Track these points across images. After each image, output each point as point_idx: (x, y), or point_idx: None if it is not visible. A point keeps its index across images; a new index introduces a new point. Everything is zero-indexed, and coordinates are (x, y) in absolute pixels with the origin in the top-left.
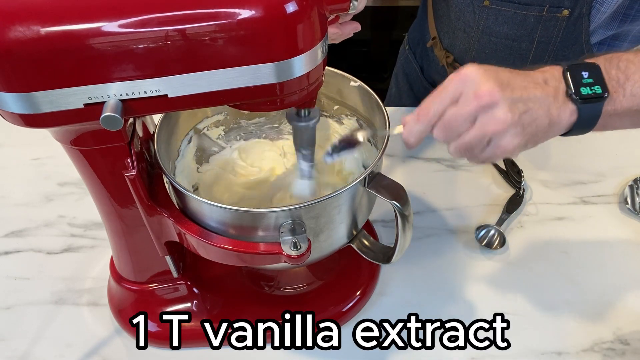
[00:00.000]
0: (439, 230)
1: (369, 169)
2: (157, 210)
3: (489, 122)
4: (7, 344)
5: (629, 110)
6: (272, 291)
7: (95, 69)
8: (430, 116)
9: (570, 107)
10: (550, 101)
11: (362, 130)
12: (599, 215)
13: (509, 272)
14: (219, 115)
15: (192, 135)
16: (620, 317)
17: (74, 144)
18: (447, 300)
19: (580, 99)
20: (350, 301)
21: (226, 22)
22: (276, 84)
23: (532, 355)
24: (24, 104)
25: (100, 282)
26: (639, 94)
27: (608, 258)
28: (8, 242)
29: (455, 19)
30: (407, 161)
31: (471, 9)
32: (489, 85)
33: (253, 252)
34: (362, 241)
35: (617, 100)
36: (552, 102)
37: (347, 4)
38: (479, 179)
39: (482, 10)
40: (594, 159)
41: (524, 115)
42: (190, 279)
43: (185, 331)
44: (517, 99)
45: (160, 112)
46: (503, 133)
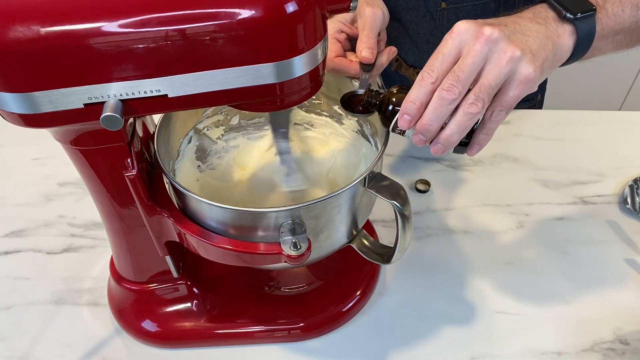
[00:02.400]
0: (439, 230)
1: (369, 168)
2: (157, 210)
3: (500, 56)
4: (7, 344)
5: (611, 30)
6: (272, 291)
7: (95, 69)
8: (435, 73)
9: (568, 28)
10: (546, 28)
11: None
12: (599, 215)
13: (509, 272)
14: (219, 115)
15: (192, 135)
16: (620, 317)
17: (74, 144)
18: (447, 300)
19: (574, 17)
20: (350, 301)
21: (226, 22)
22: (276, 84)
23: (532, 355)
24: (24, 104)
25: (100, 282)
26: (618, 13)
27: (608, 258)
28: (8, 242)
29: (414, 34)
30: (407, 161)
31: (429, 18)
32: (485, 27)
33: (253, 252)
34: (362, 241)
35: (603, 21)
36: (548, 28)
37: (347, 4)
38: (479, 179)
39: (442, 13)
40: (594, 159)
41: (529, 42)
42: (190, 279)
43: (185, 331)
44: (513, 31)
45: (160, 112)
46: (518, 62)
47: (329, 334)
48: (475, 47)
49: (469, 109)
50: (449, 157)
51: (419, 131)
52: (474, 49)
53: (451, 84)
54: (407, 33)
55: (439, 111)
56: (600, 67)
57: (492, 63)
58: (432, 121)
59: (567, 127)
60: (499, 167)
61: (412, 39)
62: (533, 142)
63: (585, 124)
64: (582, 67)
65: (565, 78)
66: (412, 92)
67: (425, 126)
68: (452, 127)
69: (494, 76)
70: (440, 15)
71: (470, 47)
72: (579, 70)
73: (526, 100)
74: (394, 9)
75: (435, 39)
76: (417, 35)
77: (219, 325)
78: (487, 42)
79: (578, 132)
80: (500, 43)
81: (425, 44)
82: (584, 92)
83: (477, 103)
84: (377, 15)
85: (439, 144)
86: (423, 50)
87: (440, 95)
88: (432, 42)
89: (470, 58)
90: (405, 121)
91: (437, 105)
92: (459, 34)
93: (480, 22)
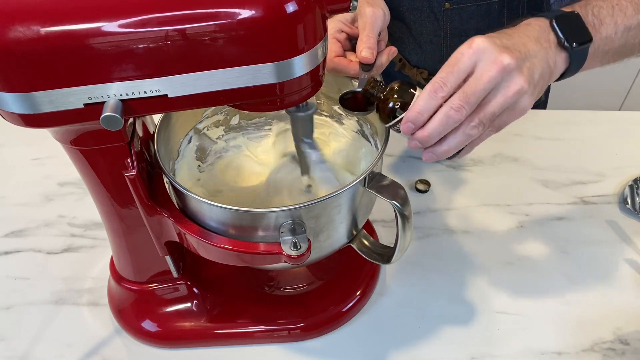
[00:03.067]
0: (439, 230)
1: (369, 168)
2: (157, 210)
3: (510, 88)
4: (7, 344)
5: (602, 51)
6: (272, 291)
7: (95, 69)
8: (447, 88)
9: (563, 55)
10: (547, 53)
11: None
12: (599, 215)
13: (509, 272)
14: (219, 115)
15: (192, 135)
16: (620, 317)
17: (74, 144)
18: (447, 300)
19: (572, 48)
20: (350, 301)
21: (226, 22)
22: (276, 84)
23: (532, 355)
24: (24, 104)
25: (100, 282)
26: (611, 36)
27: (608, 258)
28: (8, 242)
29: (417, 34)
30: (407, 161)
31: (433, 18)
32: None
33: (253, 252)
34: (362, 241)
35: (596, 44)
36: (549, 54)
37: (347, 4)
38: (479, 179)
39: (445, 14)
40: (594, 159)
41: (534, 72)
42: (190, 279)
43: (185, 331)
44: (524, 58)
45: (160, 112)
46: (522, 95)
47: (329, 334)
48: (490, 72)
49: (470, 131)
50: None
51: (419, 140)
52: (489, 75)
53: (460, 104)
54: (410, 33)
55: (442, 128)
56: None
57: (501, 92)
58: (433, 135)
59: (567, 127)
60: (499, 167)
61: (415, 39)
62: (533, 142)
63: (585, 124)
64: None
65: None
66: (421, 103)
67: (426, 138)
68: (450, 144)
69: (499, 105)
70: (444, 16)
71: (486, 71)
72: None
73: None
74: (398, 8)
75: (438, 39)
76: (421, 36)
77: (219, 325)
78: (503, 71)
79: (578, 132)
80: (512, 74)
81: (428, 44)
82: (584, 92)
83: (478, 127)
84: (377, 15)
85: (433, 154)
86: (426, 51)
87: (448, 114)
88: (435, 42)
89: (483, 84)
90: (408, 129)
91: (443, 122)
92: (477, 52)
93: (499, 45)
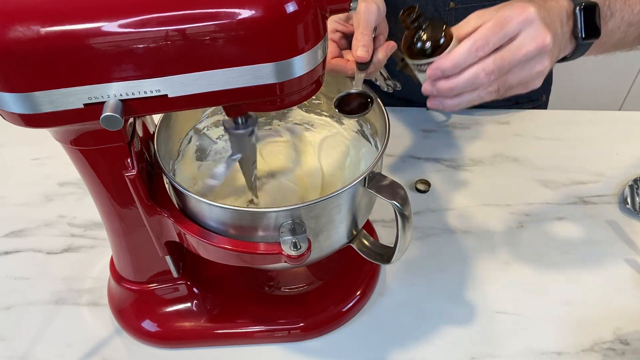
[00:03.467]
0: (439, 230)
1: (369, 168)
2: (157, 210)
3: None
4: (7, 344)
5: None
6: (272, 291)
7: (95, 69)
8: (488, 48)
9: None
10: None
11: None
12: (599, 215)
13: (509, 272)
14: (219, 115)
15: (192, 135)
16: (620, 317)
17: (74, 144)
18: (447, 300)
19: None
20: (350, 301)
21: (226, 22)
22: (276, 84)
23: (532, 355)
24: (24, 104)
25: (100, 282)
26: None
27: (608, 258)
28: (8, 242)
29: None
30: (407, 161)
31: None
32: (548, 35)
33: (253, 252)
34: (362, 241)
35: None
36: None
37: (347, 4)
38: (479, 179)
39: (450, 13)
40: (594, 159)
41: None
42: (190, 279)
43: (185, 331)
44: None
45: (160, 112)
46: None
47: (329, 334)
48: (530, 47)
49: (484, 95)
50: (448, 157)
51: (438, 87)
52: (527, 49)
53: (493, 69)
54: None
55: (466, 85)
56: (600, 67)
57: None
58: (455, 89)
59: (567, 127)
60: (499, 167)
61: None
62: (533, 142)
63: (585, 124)
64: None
65: (566, 78)
66: (458, 56)
67: (446, 90)
68: (462, 100)
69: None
70: (449, 15)
71: (526, 44)
72: (579, 70)
73: (531, 100)
74: (402, 7)
75: None
76: None
77: (219, 325)
78: (541, 49)
79: (578, 132)
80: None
81: None
82: (584, 92)
83: (493, 94)
84: (371, 11)
85: (440, 104)
86: None
87: (478, 74)
88: None
89: (520, 56)
90: (435, 75)
91: (470, 81)
92: (526, 21)
93: (543, 21)
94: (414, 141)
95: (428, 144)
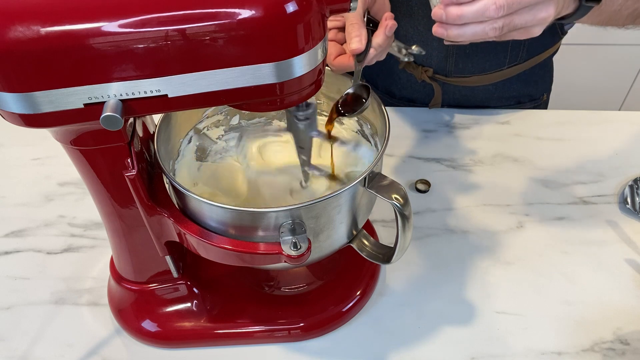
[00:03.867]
0: (439, 230)
1: (369, 168)
2: (157, 210)
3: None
4: (7, 344)
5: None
6: (272, 291)
7: (95, 69)
8: None
9: (576, 3)
10: None
11: None
12: (599, 215)
13: (509, 272)
14: (219, 115)
15: (192, 135)
16: (620, 317)
17: (74, 144)
18: (447, 300)
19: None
20: (350, 301)
21: (226, 22)
22: (276, 84)
23: (532, 355)
24: (24, 104)
25: (100, 282)
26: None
27: (608, 258)
28: (8, 242)
29: (424, 30)
30: (407, 161)
31: None
32: None
33: (253, 252)
34: (362, 241)
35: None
36: None
37: (347, 4)
38: (479, 179)
39: None
40: (594, 159)
41: (559, 9)
42: (190, 279)
43: (185, 331)
44: None
45: (160, 112)
46: (543, 24)
47: (329, 334)
48: None
49: (489, 30)
50: (448, 157)
51: (448, 13)
52: None
53: (502, 5)
54: (416, 30)
55: (474, 16)
56: (600, 67)
57: (533, 12)
58: (464, 17)
59: (567, 127)
60: (499, 167)
61: (422, 37)
62: (533, 142)
63: (585, 124)
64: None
65: (566, 78)
66: None
67: (455, 17)
68: (466, 32)
69: (524, 21)
70: None
71: None
72: (579, 70)
73: (532, 99)
74: (407, 3)
75: None
76: (428, 32)
77: (219, 325)
78: None
79: (578, 132)
80: (551, 2)
81: (435, 41)
82: (584, 92)
83: (496, 30)
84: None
85: (445, 32)
86: (432, 48)
87: (488, 7)
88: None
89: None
90: (450, 2)
91: (479, 12)
92: None
93: None
94: (414, 141)
95: (428, 144)
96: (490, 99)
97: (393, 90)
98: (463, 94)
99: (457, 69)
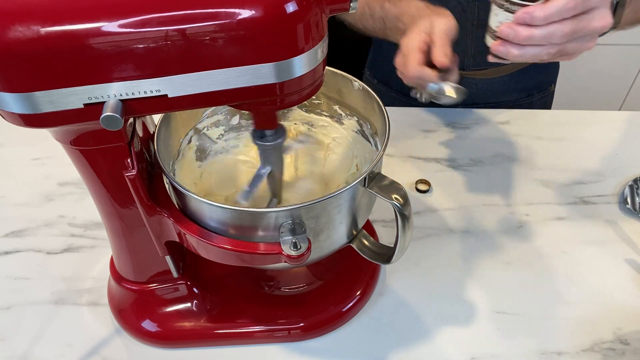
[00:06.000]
0: (439, 230)
1: (369, 168)
2: (157, 210)
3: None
4: (7, 344)
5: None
6: (272, 291)
7: (95, 69)
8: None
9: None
10: None
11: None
12: (599, 215)
13: (509, 272)
14: (219, 115)
15: (192, 135)
16: (620, 317)
17: (74, 144)
18: (447, 300)
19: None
20: (350, 301)
21: (226, 22)
22: (276, 84)
23: (532, 355)
24: (24, 104)
25: (100, 282)
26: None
27: (608, 258)
28: (8, 242)
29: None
30: (407, 161)
31: (460, 9)
32: (610, 14)
33: (253, 252)
34: (362, 241)
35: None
36: None
37: (347, 4)
38: (479, 179)
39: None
40: (594, 159)
41: None
42: (190, 279)
43: (185, 331)
44: None
45: (160, 112)
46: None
47: (329, 334)
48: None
49: (545, 55)
50: (448, 157)
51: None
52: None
53: (567, 33)
54: None
55: (542, 39)
56: (600, 67)
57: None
58: (532, 39)
59: (567, 127)
60: (499, 167)
61: None
62: (533, 142)
63: (585, 124)
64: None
65: (566, 78)
66: (554, 9)
67: (524, 38)
68: (526, 53)
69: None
70: (472, 7)
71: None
72: (579, 70)
73: (541, 90)
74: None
75: (464, 31)
76: None
77: (219, 325)
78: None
79: (578, 132)
80: (598, 34)
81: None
82: (584, 92)
83: (550, 56)
84: (451, 25)
85: (505, 50)
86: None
87: (554, 33)
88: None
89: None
90: (524, 20)
91: (547, 36)
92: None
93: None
94: (414, 141)
95: (428, 144)
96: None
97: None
98: (479, 87)
99: (475, 62)
